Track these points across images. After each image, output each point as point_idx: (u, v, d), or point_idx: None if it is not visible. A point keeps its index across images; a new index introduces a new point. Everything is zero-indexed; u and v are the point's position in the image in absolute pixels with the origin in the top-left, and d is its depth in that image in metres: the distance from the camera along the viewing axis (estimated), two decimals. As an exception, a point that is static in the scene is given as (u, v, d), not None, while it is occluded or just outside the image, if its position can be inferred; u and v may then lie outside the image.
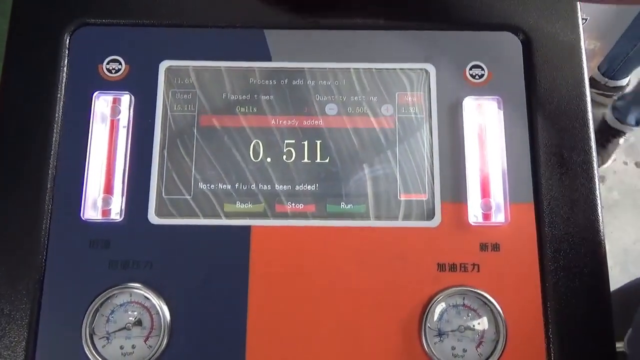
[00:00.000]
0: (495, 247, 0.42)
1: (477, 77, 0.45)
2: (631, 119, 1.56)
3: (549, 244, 0.41)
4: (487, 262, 0.41)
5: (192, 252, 0.41)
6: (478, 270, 0.41)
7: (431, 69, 0.45)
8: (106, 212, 0.42)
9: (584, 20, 0.46)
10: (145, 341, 0.40)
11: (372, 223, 0.42)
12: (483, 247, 0.42)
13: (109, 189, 0.42)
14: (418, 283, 0.41)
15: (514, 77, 0.45)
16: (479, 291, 0.41)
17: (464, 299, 0.41)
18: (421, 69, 0.45)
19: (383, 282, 0.41)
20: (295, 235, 0.42)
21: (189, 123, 0.44)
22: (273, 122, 0.44)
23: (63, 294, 0.40)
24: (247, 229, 0.42)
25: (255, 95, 0.45)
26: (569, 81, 0.45)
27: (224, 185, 0.43)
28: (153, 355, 0.39)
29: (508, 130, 0.44)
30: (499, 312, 0.40)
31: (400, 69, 0.45)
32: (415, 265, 0.41)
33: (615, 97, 1.60)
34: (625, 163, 1.69)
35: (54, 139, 0.42)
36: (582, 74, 0.45)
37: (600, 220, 0.42)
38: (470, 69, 0.45)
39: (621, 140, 1.64)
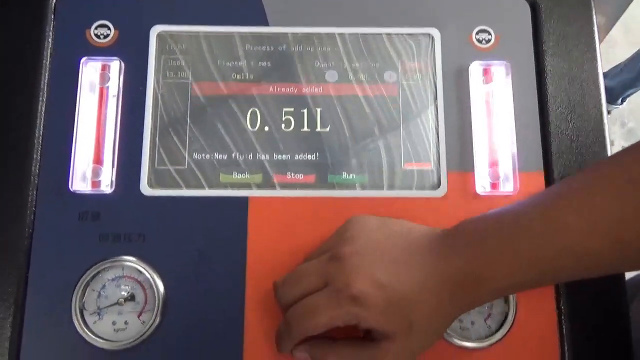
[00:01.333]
0: (503, 217, 0.40)
1: (483, 41, 0.43)
2: (618, 99, 1.58)
3: (560, 214, 0.40)
4: (495, 232, 0.40)
5: (186, 224, 0.39)
6: (486, 241, 0.39)
7: (436, 33, 0.43)
8: (96, 183, 0.40)
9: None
10: (138, 316, 0.38)
11: (376, 193, 0.41)
12: (490, 216, 0.40)
13: (98, 160, 0.40)
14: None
15: (522, 42, 0.43)
16: (487, 263, 0.39)
17: (471, 271, 0.39)
18: (425, 34, 0.43)
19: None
20: (295, 206, 0.40)
21: (182, 91, 0.42)
22: (271, 89, 0.42)
23: (51, 269, 0.38)
24: (244, 200, 0.40)
25: (252, 62, 0.43)
26: (579, 46, 0.43)
27: (220, 155, 0.41)
28: (147, 331, 0.37)
29: (516, 97, 0.42)
30: (507, 284, 0.39)
31: (403, 33, 0.43)
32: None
33: None
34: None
35: (39, 107, 0.40)
36: (593, 39, 0.43)
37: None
38: (477, 34, 0.43)
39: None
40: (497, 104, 0.42)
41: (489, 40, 0.43)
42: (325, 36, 0.43)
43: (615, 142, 1.68)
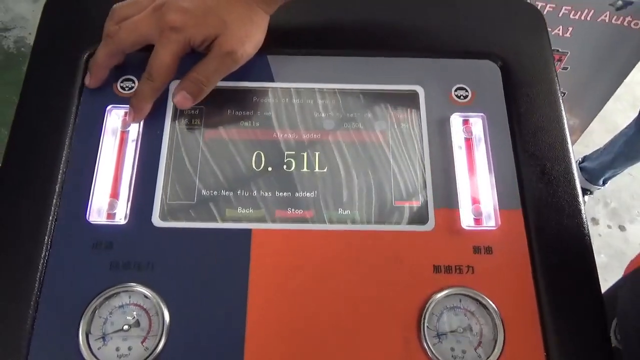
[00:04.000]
0: (488, 250, 0.43)
1: (462, 97, 0.49)
2: (599, 180, 1.66)
3: (539, 247, 0.43)
4: (481, 264, 0.43)
5: (193, 254, 0.42)
6: (473, 272, 0.42)
7: (420, 90, 0.49)
8: (111, 215, 0.43)
9: (563, 94, 0.52)
10: (142, 342, 0.40)
11: (369, 227, 0.44)
12: (476, 249, 0.43)
13: (115, 194, 0.44)
14: (415, 284, 0.42)
15: (495, 97, 0.49)
16: (475, 292, 0.41)
17: (460, 300, 0.42)
18: (411, 90, 0.49)
19: (381, 284, 0.42)
20: (295, 238, 0.43)
21: (195, 136, 0.47)
22: (275, 135, 0.47)
23: (62, 294, 0.40)
24: (247, 232, 0.43)
25: (259, 112, 0.48)
26: (544, 101, 0.49)
27: (227, 192, 0.45)
28: (149, 356, 0.39)
29: (493, 144, 0.47)
30: (495, 312, 0.41)
31: (393, 90, 0.49)
32: (412, 267, 0.42)
33: (579, 159, 1.71)
34: (609, 227, 1.73)
35: (65, 147, 0.45)
36: (556, 96, 0.49)
37: (585, 223, 0.44)
38: (456, 90, 0.49)
39: (586, 198, 1.74)
40: (476, 149, 0.47)
41: (466, 96, 0.49)
42: (324, 91, 0.49)
43: (600, 220, 1.73)
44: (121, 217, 0.43)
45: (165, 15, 0.43)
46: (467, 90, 0.49)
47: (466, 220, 0.44)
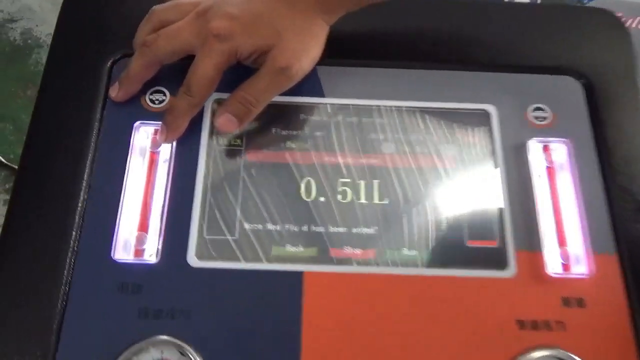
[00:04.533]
0: (580, 302, 0.37)
1: (540, 119, 0.43)
2: None
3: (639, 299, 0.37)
4: (572, 319, 0.36)
5: (236, 300, 0.36)
6: (564, 329, 0.36)
7: (492, 109, 0.43)
8: (139, 252, 0.37)
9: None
10: (176, 406, 0.34)
11: (438, 271, 0.38)
12: (566, 301, 0.37)
13: (144, 227, 0.38)
14: (496, 342, 0.36)
15: (579, 120, 0.43)
16: (568, 354, 0.35)
17: (551, 362, 0.35)
18: (482, 110, 0.43)
19: (455, 340, 0.36)
20: (353, 283, 0.37)
21: (236, 158, 0.40)
22: (326, 159, 0.41)
23: (81, 348, 0.34)
24: (298, 275, 0.37)
25: (307, 131, 0.42)
26: (637, 125, 0.43)
27: (273, 226, 0.39)
28: None
29: (580, 175, 0.40)
30: (592, 378, 0.35)
31: (460, 108, 0.43)
32: (492, 321, 0.36)
33: None
34: None
35: (86, 170, 0.38)
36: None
37: (694, 273, 0.38)
38: (533, 111, 0.43)
39: None
40: (560, 181, 0.41)
41: (545, 118, 0.43)
42: (382, 109, 0.43)
43: None
44: (152, 254, 0.37)
45: (210, 22, 0.37)
46: (545, 111, 0.43)
47: (552, 266, 0.38)
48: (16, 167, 1.28)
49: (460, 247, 0.39)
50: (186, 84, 0.38)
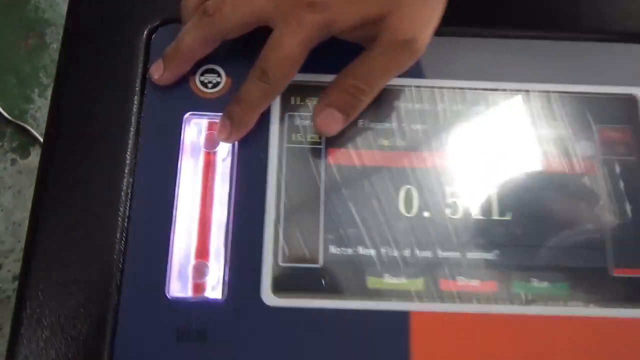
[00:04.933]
0: None
1: None
2: None
3: None
4: None
5: (324, 348, 0.28)
6: None
7: (641, 94, 0.33)
8: (200, 287, 0.29)
9: None
10: None
11: (581, 310, 0.30)
12: None
13: (203, 252, 0.29)
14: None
15: None
16: None
17: None
18: (627, 95, 0.33)
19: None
20: (473, 325, 0.29)
21: (314, 159, 0.31)
22: (430, 161, 0.32)
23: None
24: (403, 317, 0.29)
25: (405, 124, 0.32)
26: None
27: (366, 250, 0.30)
28: None
29: None
30: None
31: (600, 93, 0.33)
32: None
33: None
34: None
35: (124, 177, 0.30)
36: None
37: None
38: (696, 97, 0.33)
39: None
40: None
41: None
42: (499, 94, 0.33)
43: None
44: (216, 288, 0.29)
45: None
46: None
47: None
48: (22, 124, 1.18)
49: (604, 277, 0.30)
50: (261, 67, 0.28)
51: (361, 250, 0.30)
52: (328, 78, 0.32)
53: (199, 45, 0.29)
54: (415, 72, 0.32)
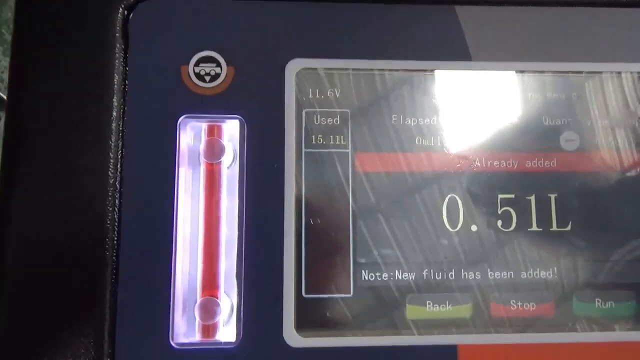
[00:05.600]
0: None
1: None
2: None
3: None
4: None
5: (361, 394, 0.24)
6: None
7: None
8: (210, 330, 0.24)
9: None
10: None
11: (649, 335, 0.26)
12: None
13: (212, 287, 0.24)
14: None
15: None
16: None
17: None
18: None
19: None
20: (529, 355, 0.25)
21: (340, 166, 0.26)
22: (477, 163, 0.27)
23: None
24: (451, 350, 0.25)
25: (447, 120, 0.27)
26: None
27: (404, 274, 0.26)
28: None
29: None
30: None
31: (675, 74, 0.28)
32: None
33: None
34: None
35: (108, 202, 0.24)
36: None
37: None
38: None
39: None
40: None
41: None
42: (559, 78, 0.27)
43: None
44: (228, 329, 0.24)
45: None
46: None
47: None
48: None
49: (677, 294, 0.26)
50: None
51: (398, 274, 0.26)
52: (353, 64, 0.26)
53: None
54: (460, 51, 0.27)
